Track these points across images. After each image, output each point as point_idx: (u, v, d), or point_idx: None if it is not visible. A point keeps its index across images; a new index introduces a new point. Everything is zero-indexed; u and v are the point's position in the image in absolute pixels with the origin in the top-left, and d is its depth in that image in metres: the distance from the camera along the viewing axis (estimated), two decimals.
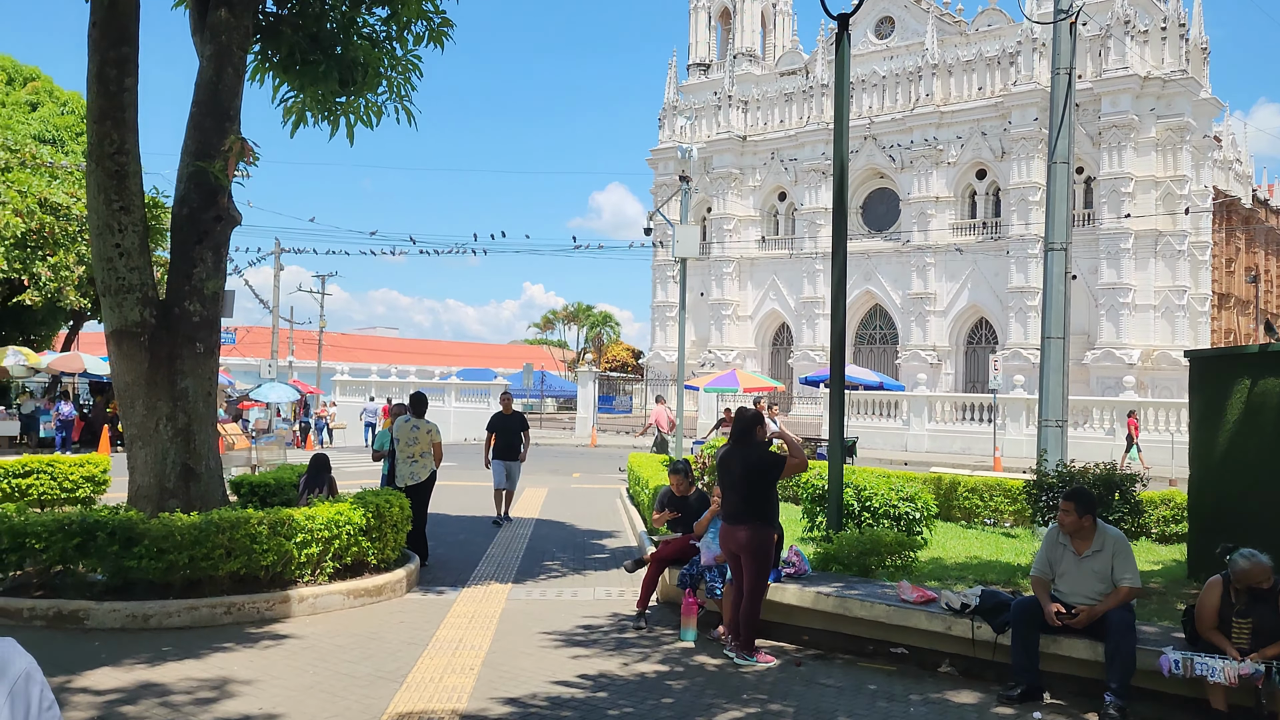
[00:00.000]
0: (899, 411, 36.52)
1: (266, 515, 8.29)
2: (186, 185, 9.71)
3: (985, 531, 14.32)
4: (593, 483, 22.34)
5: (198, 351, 9.55)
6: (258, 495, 11.14)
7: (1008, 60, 52.47)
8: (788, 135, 59.83)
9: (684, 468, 8.82)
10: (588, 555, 12.02)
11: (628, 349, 72.64)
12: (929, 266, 54.33)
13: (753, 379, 26.72)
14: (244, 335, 66.06)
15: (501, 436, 14.38)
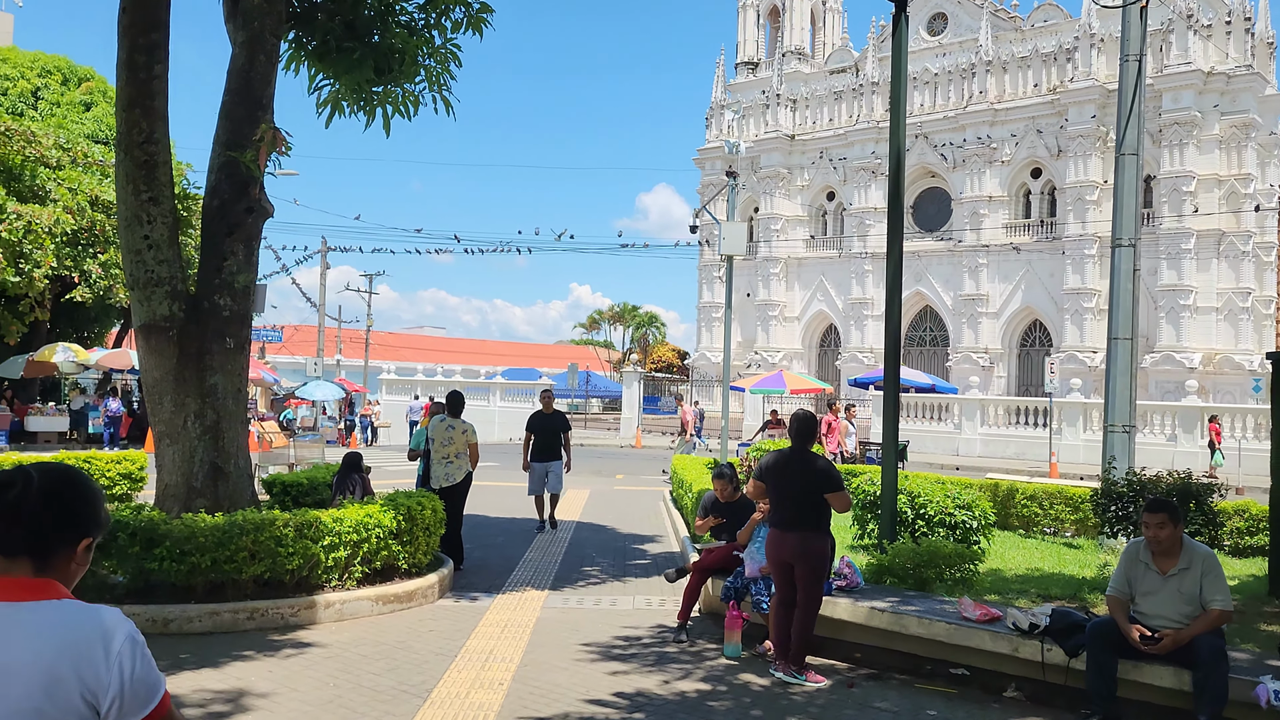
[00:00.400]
0: (950, 415, 35.65)
1: (293, 517, 7.97)
2: (217, 176, 9.45)
3: (1045, 541, 13.67)
4: (636, 485, 21.93)
5: (227, 347, 9.28)
6: (290, 495, 10.86)
7: (1064, 56, 51.19)
8: (837, 134, 58.97)
9: (728, 472, 8.35)
10: (628, 561, 11.59)
11: (673, 350, 72.19)
12: (981, 267, 53.19)
13: (800, 380, 26.14)
14: (292, 334, 66.61)
15: (540, 437, 13.56)
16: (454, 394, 10.89)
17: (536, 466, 13.57)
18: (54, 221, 24.53)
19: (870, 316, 56.87)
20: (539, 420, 13.72)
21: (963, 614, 6.84)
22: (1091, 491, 12.39)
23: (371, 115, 10.48)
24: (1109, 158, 49.22)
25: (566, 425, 13.91)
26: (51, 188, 25.71)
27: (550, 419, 13.70)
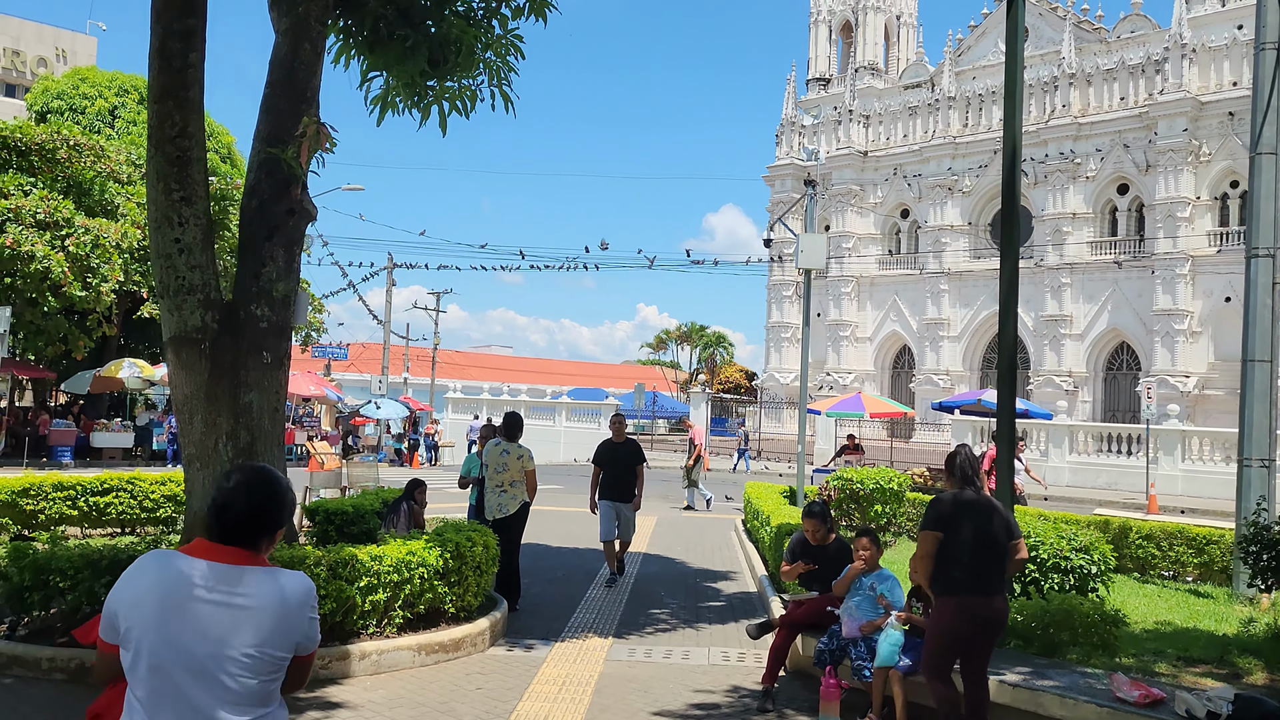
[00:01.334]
0: (1035, 442, 33.83)
1: (326, 554, 7.06)
2: (256, 175, 8.66)
3: (1167, 588, 12.24)
4: (705, 512, 20.81)
5: (264, 362, 8.45)
6: (333, 524, 9.99)
7: (1153, 68, 49.01)
8: (911, 150, 57.35)
9: (820, 510, 7.23)
10: (700, 603, 10.49)
11: (741, 370, 70.85)
12: (1064, 287, 51.05)
13: (880, 403, 24.79)
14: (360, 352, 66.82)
15: (610, 470, 11.30)
16: (511, 415, 9.93)
17: (605, 507, 11.29)
18: (121, 236, 24.37)
19: (946, 338, 55.02)
20: (608, 451, 11.47)
21: (1115, 693, 5.62)
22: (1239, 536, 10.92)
23: (426, 113, 9.64)
24: (1201, 172, 46.94)
25: (639, 457, 11.46)
26: (120, 202, 25.62)
27: (621, 450, 11.41)
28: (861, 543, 6.67)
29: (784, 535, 10.15)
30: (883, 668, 6.10)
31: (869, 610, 6.53)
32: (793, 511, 12.32)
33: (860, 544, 6.67)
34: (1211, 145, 46.74)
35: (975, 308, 54.54)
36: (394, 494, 11.80)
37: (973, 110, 55.80)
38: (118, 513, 12.28)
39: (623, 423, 11.71)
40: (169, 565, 2.53)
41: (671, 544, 14.91)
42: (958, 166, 55.51)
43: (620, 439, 11.48)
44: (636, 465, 11.35)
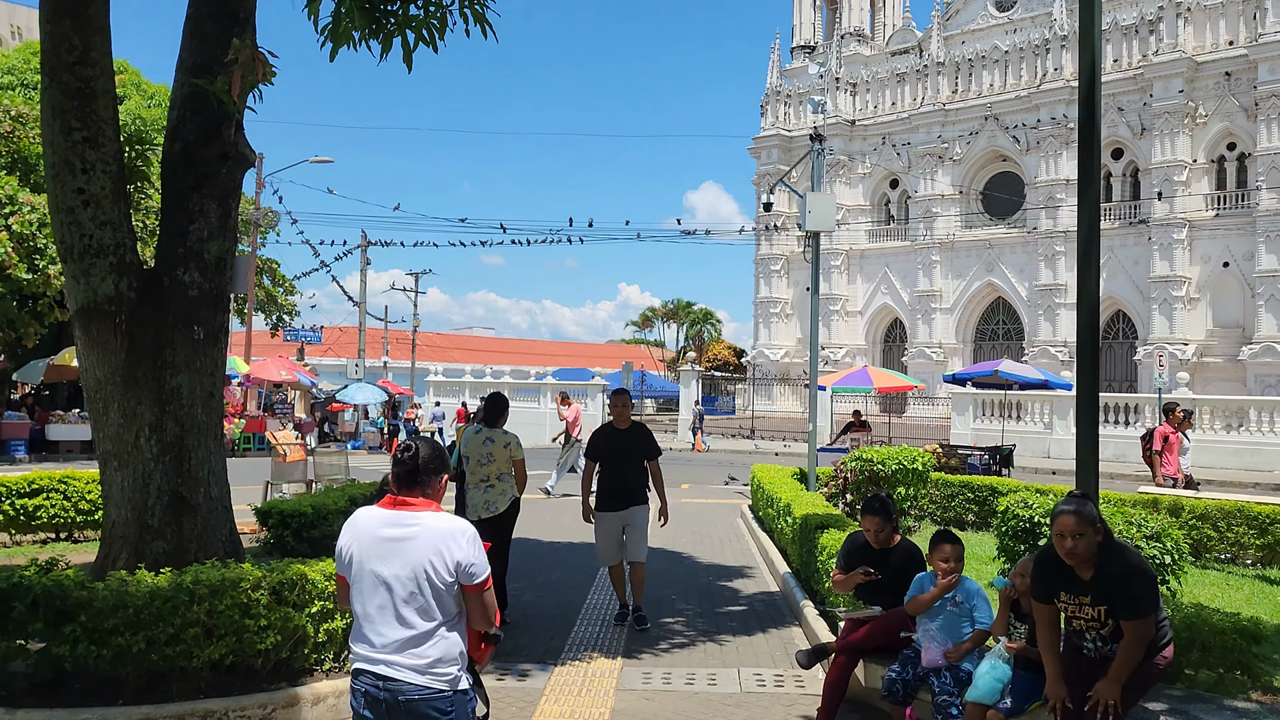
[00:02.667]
0: (1036, 415, 32.64)
1: (267, 574, 5.65)
2: (180, 112, 7.19)
3: (1231, 574, 10.98)
4: (705, 496, 19.47)
5: (195, 338, 7.01)
6: (290, 528, 8.57)
7: (1147, 28, 47.77)
8: (900, 118, 56.01)
9: (884, 506, 5.83)
10: (718, 607, 9.14)
11: (729, 347, 69.52)
12: (1059, 255, 49.96)
13: (887, 376, 23.48)
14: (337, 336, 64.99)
15: (611, 469, 8.35)
16: (494, 397, 8.48)
17: (607, 519, 8.29)
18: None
19: (939, 310, 53.90)
20: (607, 440, 8.43)
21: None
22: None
23: (387, 45, 8.10)
24: (1198, 135, 45.79)
25: (654, 447, 8.47)
26: None
27: (626, 438, 8.39)
28: (945, 550, 5.30)
29: (812, 529, 8.81)
30: (979, 704, 4.76)
31: (954, 631, 5.19)
32: (814, 499, 10.98)
33: (943, 551, 5.30)
34: (1208, 107, 45.60)
35: (968, 278, 53.40)
36: (364, 490, 10.38)
37: (962, 76, 54.45)
38: (49, 516, 10.81)
39: (626, 400, 8.55)
40: (368, 512, 3.42)
41: (676, 535, 13.53)
42: (948, 134, 54.23)
43: (624, 423, 8.40)
44: (650, 460, 8.38)
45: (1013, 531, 9.39)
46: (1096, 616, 4.34)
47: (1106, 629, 4.32)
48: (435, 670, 3.25)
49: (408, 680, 3.23)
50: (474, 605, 3.34)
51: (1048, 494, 9.98)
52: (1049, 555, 4.51)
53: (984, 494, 13.82)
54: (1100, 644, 4.35)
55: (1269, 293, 43.07)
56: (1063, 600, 4.46)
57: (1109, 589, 4.29)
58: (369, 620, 3.30)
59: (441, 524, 3.31)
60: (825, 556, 7.73)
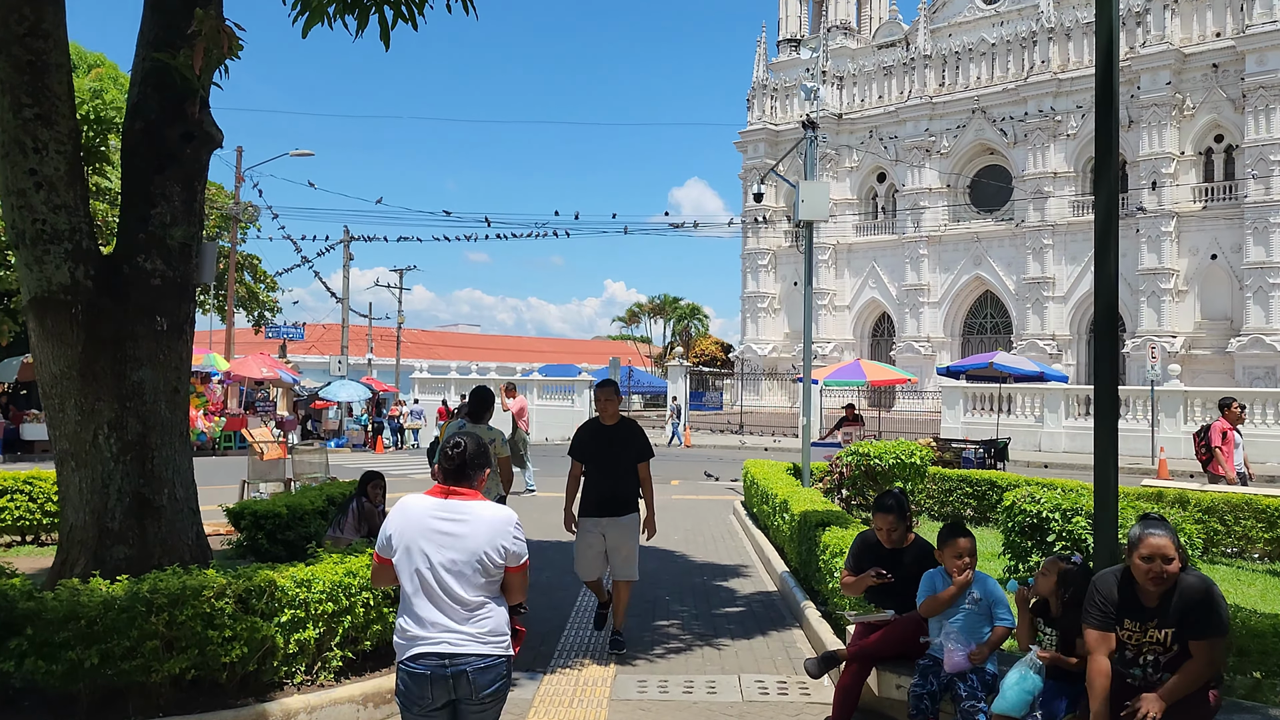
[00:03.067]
0: (1027, 408, 32.40)
1: (232, 580, 5.23)
2: (141, 89, 6.76)
3: (1241, 569, 10.68)
4: (696, 492, 19.12)
5: (158, 329, 6.58)
6: (264, 530, 8.14)
7: (1134, 20, 47.54)
8: (887, 111, 55.72)
9: (897, 503, 5.44)
10: (715, 609, 8.76)
11: (716, 342, 69.19)
12: (1046, 248, 49.79)
13: (881, 370, 23.14)
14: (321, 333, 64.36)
15: (598, 471, 7.36)
16: (479, 392, 8.08)
17: (591, 529, 7.36)
18: None
19: (926, 304, 53.68)
20: (594, 437, 7.48)
21: None
22: None
23: (363, 20, 7.71)
24: (1186, 127, 45.67)
25: (644, 448, 7.45)
26: None
27: (615, 436, 7.42)
28: (958, 545, 4.93)
29: (812, 527, 8.45)
30: (1007, 717, 4.38)
31: (975, 631, 4.83)
32: (811, 495, 10.62)
33: (956, 546, 4.93)
34: (1195, 99, 45.48)
35: (955, 272, 53.19)
36: (344, 488, 9.96)
37: (949, 69, 54.21)
38: (14, 518, 10.36)
39: (614, 393, 7.55)
40: (417, 500, 3.68)
41: (668, 533, 13.15)
42: (935, 127, 53.99)
43: (612, 419, 7.46)
44: (640, 461, 7.35)
45: (1019, 527, 9.05)
46: (1162, 640, 4.01)
47: (1169, 654, 3.97)
48: (492, 639, 3.58)
49: (471, 651, 3.53)
50: (514, 582, 3.69)
51: (1054, 489, 9.66)
52: (1118, 579, 4.11)
53: (983, 488, 13.50)
54: (1153, 670, 4.00)
55: (1257, 284, 42.98)
56: (1126, 628, 4.10)
57: (1184, 608, 3.95)
58: (426, 603, 3.54)
59: (492, 514, 3.63)
60: (828, 555, 7.37)
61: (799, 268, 59.20)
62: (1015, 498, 9.21)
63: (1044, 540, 8.78)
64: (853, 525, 8.10)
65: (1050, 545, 8.69)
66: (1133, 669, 4.07)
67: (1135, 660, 4.06)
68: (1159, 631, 4.00)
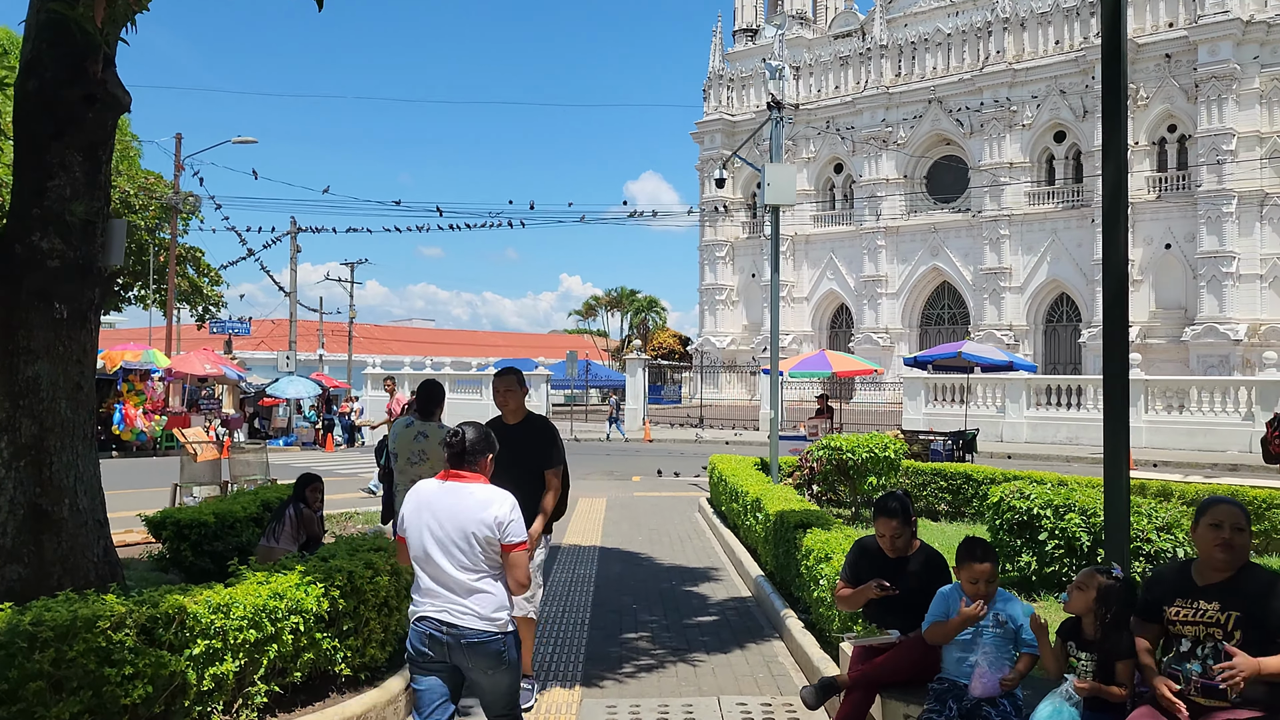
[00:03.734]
0: (989, 398, 32.21)
1: (134, 608, 4.47)
2: (36, 45, 5.94)
3: None
4: (658, 489, 18.50)
5: (57, 317, 5.79)
6: (188, 540, 7.35)
7: (1088, 10, 47.70)
8: (844, 102, 55.45)
9: (901, 506, 4.81)
10: (686, 618, 8.11)
11: (674, 335, 68.62)
12: (1003, 239, 49.84)
13: (847, 360, 22.69)
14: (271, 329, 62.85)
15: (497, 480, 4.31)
16: (427, 386, 7.32)
17: None
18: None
19: (885, 295, 53.56)
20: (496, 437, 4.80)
21: None
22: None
23: None
24: (1140, 116, 45.87)
25: (553, 453, 6.03)
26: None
27: (518, 438, 5.86)
28: (976, 569, 4.28)
29: (790, 528, 7.84)
30: None
31: (1000, 658, 4.22)
32: (786, 493, 10.01)
33: (973, 571, 4.30)
34: (1149, 89, 45.70)
35: (913, 263, 53.12)
36: (282, 491, 9.18)
37: (905, 59, 54.07)
38: None
39: (518, 387, 6.10)
40: (427, 483, 4.04)
41: (630, 534, 12.52)
42: (891, 117, 53.82)
43: (515, 416, 6.06)
44: (548, 468, 5.93)
45: (1008, 525, 8.53)
46: (1223, 623, 3.58)
47: (1232, 642, 3.47)
48: (491, 615, 3.82)
49: (469, 625, 3.79)
50: (509, 564, 3.89)
51: (1044, 484, 9.16)
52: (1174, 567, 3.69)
53: (958, 482, 13.01)
54: (1213, 661, 3.50)
55: (1210, 274, 43.29)
56: (1176, 607, 3.70)
57: (1251, 594, 3.57)
58: (430, 575, 3.87)
59: (484, 493, 3.91)
60: (812, 561, 6.75)
61: (757, 259, 58.85)
62: (1004, 493, 8.69)
63: (1035, 539, 8.27)
64: (835, 527, 7.51)
65: (1042, 544, 8.18)
66: (1187, 664, 3.60)
67: (1191, 653, 3.60)
68: (1220, 614, 3.58)
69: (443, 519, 3.85)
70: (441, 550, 3.83)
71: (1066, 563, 8.05)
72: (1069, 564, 8.04)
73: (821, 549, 6.67)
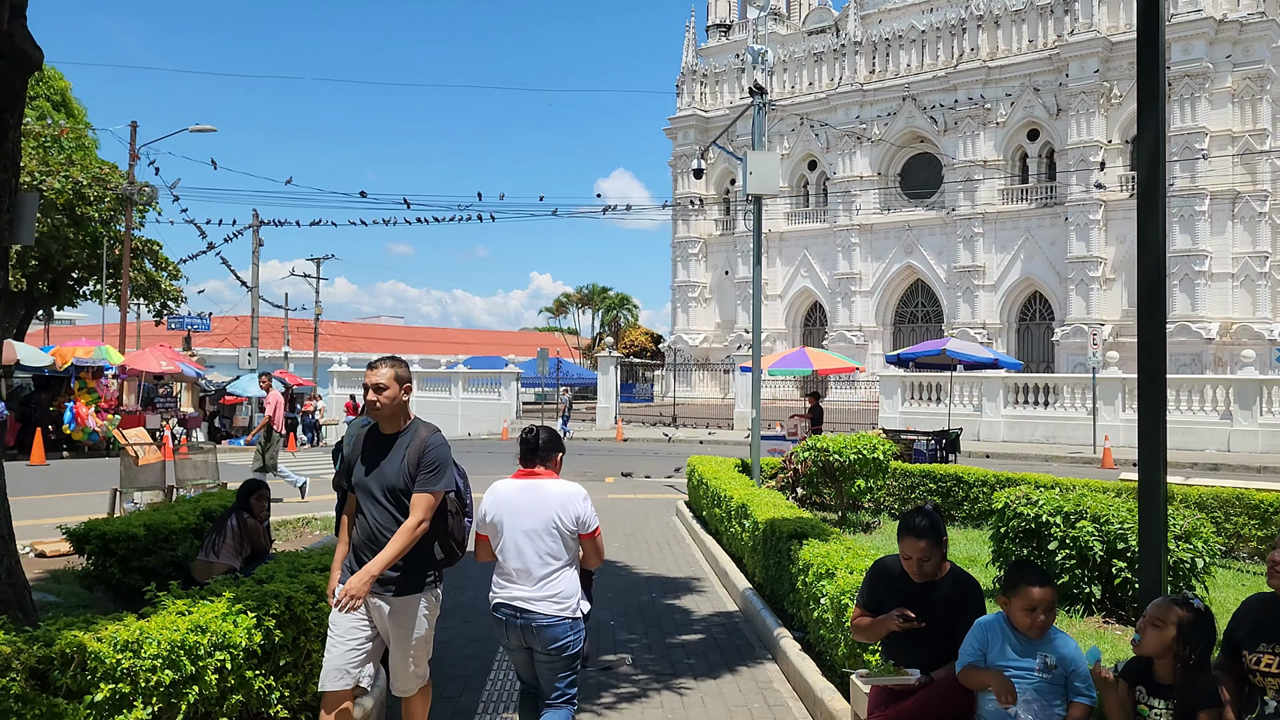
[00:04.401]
0: (965, 397, 31.84)
1: (23, 648, 3.73)
2: None
3: (1239, 572, 9.74)
4: (633, 490, 17.82)
5: None
6: (115, 556, 6.58)
7: (1062, 7, 47.59)
8: (818, 98, 54.98)
9: (931, 525, 4.13)
10: (669, 636, 7.46)
11: (646, 333, 67.97)
12: (977, 237, 49.58)
13: (827, 358, 22.10)
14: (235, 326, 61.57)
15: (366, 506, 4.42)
16: None
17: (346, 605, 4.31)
18: None
19: (859, 292, 53.19)
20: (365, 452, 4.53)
21: None
22: None
23: None
24: (1114, 115, 45.78)
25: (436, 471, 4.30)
26: None
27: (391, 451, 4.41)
28: (1031, 595, 3.63)
29: (784, 539, 7.20)
30: None
31: (1050, 705, 3.59)
32: (774, 499, 9.36)
33: (1028, 597, 3.64)
34: (1123, 87, 45.56)
35: (887, 260, 52.78)
36: (226, 499, 8.42)
37: (879, 56, 53.72)
38: None
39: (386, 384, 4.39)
40: (504, 483, 4.34)
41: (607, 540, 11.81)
42: (866, 114, 53.45)
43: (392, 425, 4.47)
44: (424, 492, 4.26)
45: (1014, 533, 7.94)
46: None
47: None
48: (562, 602, 4.15)
49: (542, 611, 4.13)
50: (589, 548, 4.33)
51: (1053, 488, 8.58)
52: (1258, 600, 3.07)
53: (948, 484, 12.46)
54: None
55: (1182, 272, 43.23)
56: (1260, 654, 3.14)
57: None
58: (511, 565, 4.19)
59: (561, 488, 4.27)
60: (811, 577, 6.11)
61: (730, 256, 58.32)
62: (1008, 499, 8.10)
63: (1044, 549, 7.68)
64: (833, 538, 6.87)
65: (1052, 554, 7.59)
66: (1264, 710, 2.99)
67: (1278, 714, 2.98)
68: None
69: (529, 514, 4.20)
70: (530, 543, 4.16)
71: (1078, 574, 7.48)
72: (1080, 575, 7.47)
73: (822, 564, 6.03)
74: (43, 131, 28.19)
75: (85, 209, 28.67)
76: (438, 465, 4.30)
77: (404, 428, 4.43)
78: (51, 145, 28.45)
